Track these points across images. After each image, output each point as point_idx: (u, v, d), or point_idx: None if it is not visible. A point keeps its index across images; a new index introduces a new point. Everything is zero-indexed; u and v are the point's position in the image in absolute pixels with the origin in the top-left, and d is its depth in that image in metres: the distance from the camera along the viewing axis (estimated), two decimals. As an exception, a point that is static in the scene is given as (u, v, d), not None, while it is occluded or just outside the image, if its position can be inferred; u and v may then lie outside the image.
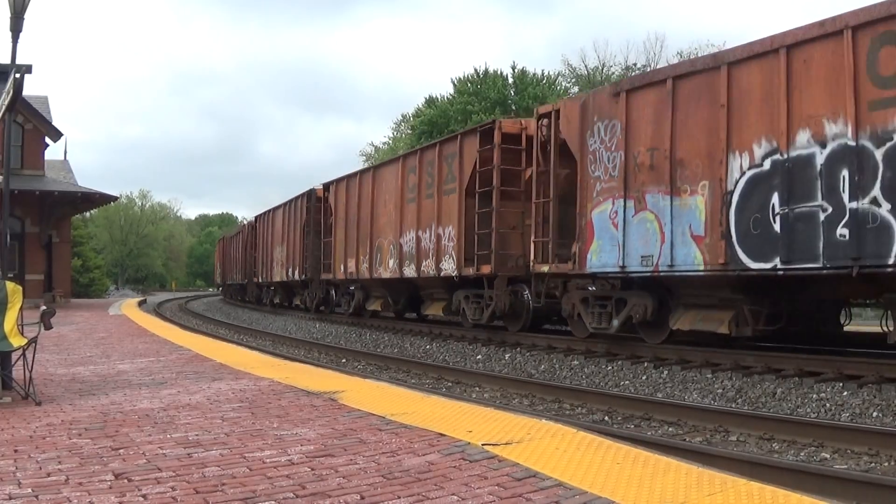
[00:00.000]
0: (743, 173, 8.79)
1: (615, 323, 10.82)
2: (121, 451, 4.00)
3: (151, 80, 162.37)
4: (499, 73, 41.28)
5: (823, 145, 7.97)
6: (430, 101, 43.01)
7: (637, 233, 10.11)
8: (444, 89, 62.59)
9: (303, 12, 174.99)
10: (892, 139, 7.33)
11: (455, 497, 3.14)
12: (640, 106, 10.21)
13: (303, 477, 3.46)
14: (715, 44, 35.04)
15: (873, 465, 5.74)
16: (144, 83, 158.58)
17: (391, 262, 16.71)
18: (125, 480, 3.41)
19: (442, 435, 4.28)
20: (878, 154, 7.46)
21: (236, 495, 3.18)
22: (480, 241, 13.41)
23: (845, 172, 7.74)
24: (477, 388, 10.15)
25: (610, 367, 10.47)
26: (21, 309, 6.14)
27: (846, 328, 9.11)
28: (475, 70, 41.84)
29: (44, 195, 24.00)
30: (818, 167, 7.99)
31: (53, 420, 4.92)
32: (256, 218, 32.30)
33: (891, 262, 7.30)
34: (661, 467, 3.53)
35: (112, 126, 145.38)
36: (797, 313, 9.73)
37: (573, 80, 43.52)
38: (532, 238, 12.17)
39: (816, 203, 8.02)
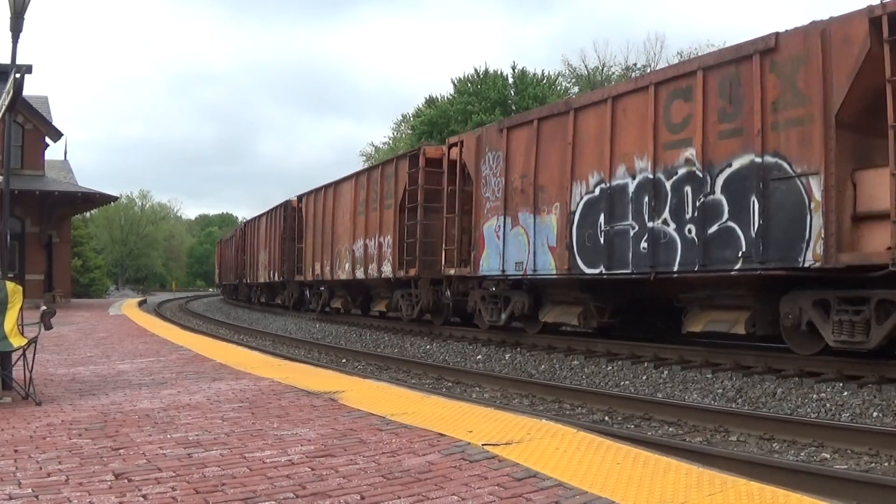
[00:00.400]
0: (581, 198, 11.04)
1: (503, 317, 13.20)
2: (121, 451, 4.00)
3: (151, 79, 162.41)
4: (499, 73, 41.26)
5: (633, 177, 10.16)
6: (431, 102, 43.01)
7: (513, 244, 12.50)
8: (444, 89, 62.76)
9: (302, 12, 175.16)
10: (677, 173, 9.51)
11: (455, 497, 3.14)
12: (517, 141, 12.47)
13: (303, 477, 3.46)
14: (715, 44, 35.00)
15: (873, 465, 5.74)
16: (144, 83, 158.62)
17: (347, 266, 19.35)
18: (125, 480, 3.42)
19: (442, 435, 4.28)
20: (668, 185, 9.65)
21: (236, 495, 3.18)
22: (409, 248, 15.78)
23: (647, 198, 9.90)
24: (477, 388, 10.15)
25: (610, 367, 10.47)
26: (21, 309, 6.15)
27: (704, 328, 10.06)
28: (475, 70, 41.85)
29: (44, 195, 24.00)
30: (630, 194, 10.19)
31: (53, 420, 4.92)
32: (245, 224, 35.21)
33: (675, 269, 9.48)
34: (662, 467, 3.54)
35: (112, 126, 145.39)
36: (634, 310, 11.90)
37: (573, 80, 43.55)
38: (443, 246, 14.59)
39: (628, 222, 10.23)
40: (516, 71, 41.53)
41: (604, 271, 10.61)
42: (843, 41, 7.90)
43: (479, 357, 12.85)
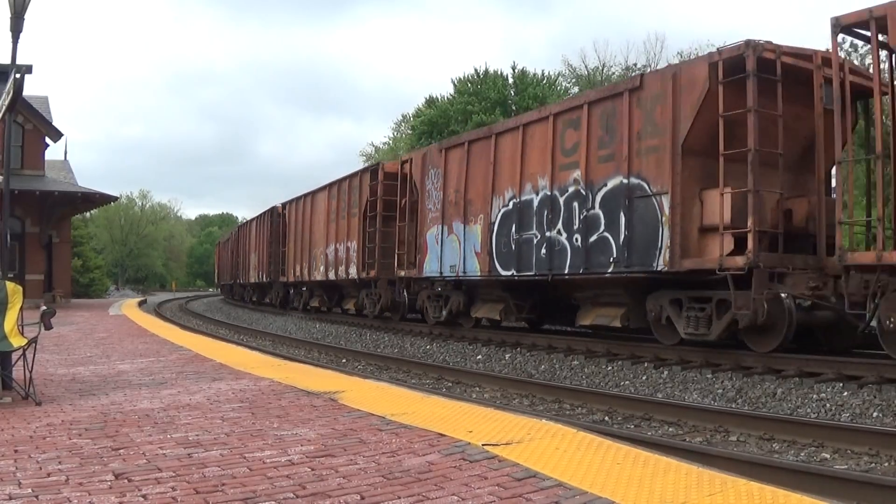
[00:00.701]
0: (499, 210, 13.00)
1: (444, 314, 15.10)
2: (121, 451, 4.00)
3: (151, 80, 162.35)
4: (499, 73, 41.22)
5: (537, 193, 12.04)
6: (431, 102, 42.97)
7: (448, 249, 14.51)
8: (444, 89, 62.72)
9: (302, 12, 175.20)
10: (568, 191, 11.34)
11: (455, 497, 3.14)
12: (452, 160, 14.49)
13: (303, 477, 3.46)
14: (715, 44, 34.95)
15: (873, 465, 5.74)
16: (144, 83, 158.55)
17: (322, 268, 21.48)
18: (125, 480, 3.42)
19: (442, 435, 4.28)
20: (561, 200, 11.50)
21: (236, 495, 3.18)
22: (370, 252, 17.88)
23: (546, 212, 11.77)
24: (477, 389, 10.15)
25: (610, 368, 10.47)
26: (21, 309, 6.14)
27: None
28: (475, 70, 41.81)
29: (44, 195, 24.00)
30: (535, 208, 12.09)
31: (53, 420, 4.92)
32: (240, 227, 37.50)
33: (566, 272, 11.36)
34: (661, 467, 3.53)
35: (112, 126, 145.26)
36: (547, 307, 13.78)
37: (573, 81, 43.46)
38: (396, 251, 16.58)
39: (532, 232, 12.13)
40: (516, 71, 41.51)
41: (515, 273, 12.60)
42: (689, 82, 9.59)
43: (479, 357, 12.86)
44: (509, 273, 12.72)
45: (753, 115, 8.83)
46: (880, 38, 7.95)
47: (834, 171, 9.74)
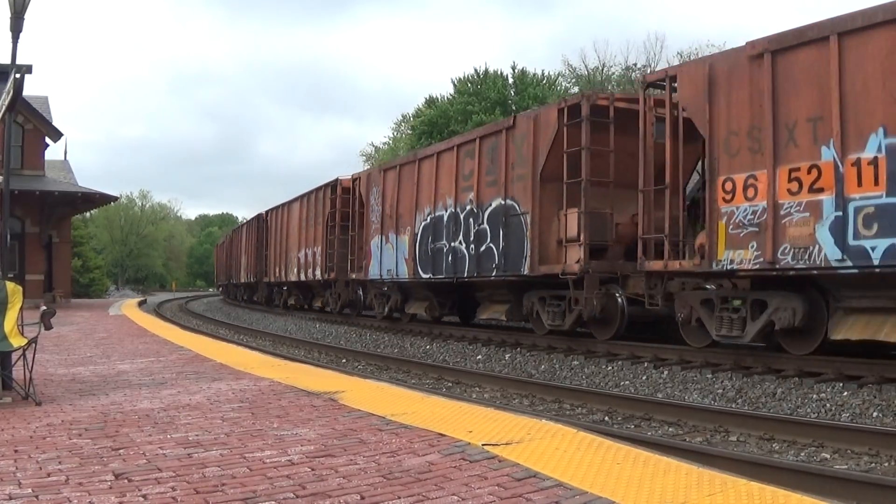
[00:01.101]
0: (421, 223, 15.55)
1: (385, 310, 17.89)
2: (121, 451, 4.00)
3: (151, 79, 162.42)
4: (499, 73, 41.23)
5: (446, 210, 14.61)
6: (431, 102, 42.98)
7: (386, 255, 17.04)
8: (444, 89, 62.64)
9: (302, 12, 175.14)
10: (466, 209, 13.94)
11: (455, 497, 3.14)
12: (389, 180, 17.18)
13: (303, 477, 3.46)
14: (715, 44, 34.99)
15: (873, 465, 5.74)
16: (144, 83, 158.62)
17: (295, 270, 24.50)
18: (125, 480, 3.42)
19: (442, 435, 4.28)
20: (461, 217, 14.08)
21: (236, 495, 3.18)
22: (330, 256, 20.80)
23: (451, 226, 14.36)
24: (477, 389, 10.15)
25: (610, 368, 10.47)
26: (21, 309, 6.14)
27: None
28: (475, 70, 41.80)
29: (44, 195, 23.99)
30: (444, 222, 14.68)
31: (53, 420, 4.92)
32: (233, 231, 40.78)
33: (465, 275, 13.96)
34: (662, 467, 3.53)
35: (112, 126, 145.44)
36: (464, 304, 16.35)
37: (573, 81, 43.46)
38: (349, 256, 19.50)
39: (443, 242, 14.72)
40: (516, 71, 41.52)
41: (432, 276, 15.11)
42: (545, 123, 11.98)
43: (479, 357, 12.86)
44: (428, 276, 15.32)
45: (585, 151, 11.08)
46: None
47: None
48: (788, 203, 8.37)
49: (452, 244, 14.35)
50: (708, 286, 9.91)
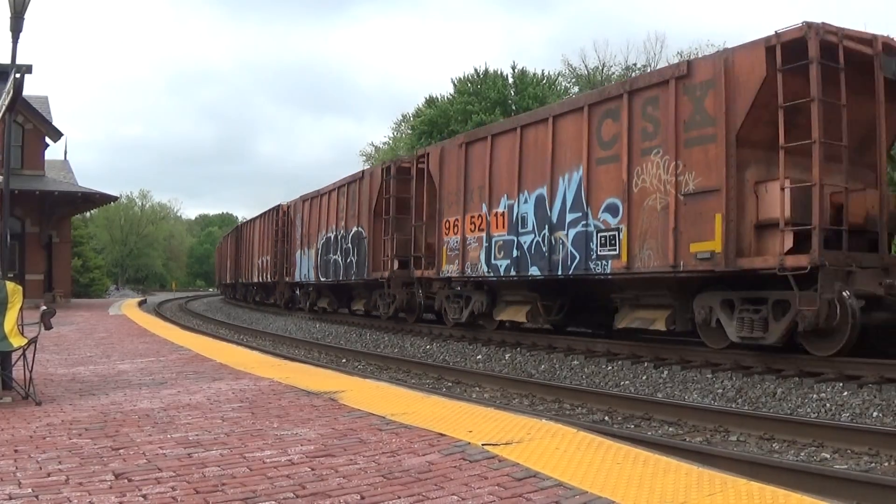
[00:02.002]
0: (322, 240, 21.44)
1: (307, 304, 23.93)
2: (121, 451, 4.00)
3: (150, 79, 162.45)
4: (499, 73, 41.20)
5: (335, 233, 20.23)
6: (431, 101, 42.95)
7: (306, 262, 23.17)
8: (444, 89, 62.68)
9: (302, 11, 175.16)
10: (342, 233, 19.52)
11: (455, 497, 3.14)
12: (309, 208, 23.11)
13: (303, 477, 3.46)
14: (715, 44, 34.93)
15: (873, 465, 5.74)
16: (144, 83, 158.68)
17: (256, 273, 31.16)
18: (125, 480, 3.42)
19: (442, 435, 4.28)
20: (340, 238, 19.74)
21: (236, 495, 3.18)
22: (274, 263, 27.10)
23: (332, 244, 20.21)
24: (477, 388, 10.15)
25: (610, 367, 10.47)
26: (21, 309, 6.14)
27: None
28: (475, 70, 41.76)
29: (44, 195, 23.99)
30: (339, 242, 19.90)
31: (53, 420, 4.92)
32: (224, 238, 46.89)
33: (341, 278, 19.67)
34: (662, 467, 3.53)
35: (112, 126, 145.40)
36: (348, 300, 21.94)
37: (573, 80, 43.45)
38: (285, 263, 25.78)
39: (337, 256, 19.97)
40: (516, 71, 41.48)
41: (330, 279, 21.05)
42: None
43: (479, 357, 12.85)
44: (329, 280, 21.10)
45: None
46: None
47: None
48: (470, 237, 13.87)
49: (333, 256, 20.70)
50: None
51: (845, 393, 7.76)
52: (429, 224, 15.60)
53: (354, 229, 18.89)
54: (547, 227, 11.76)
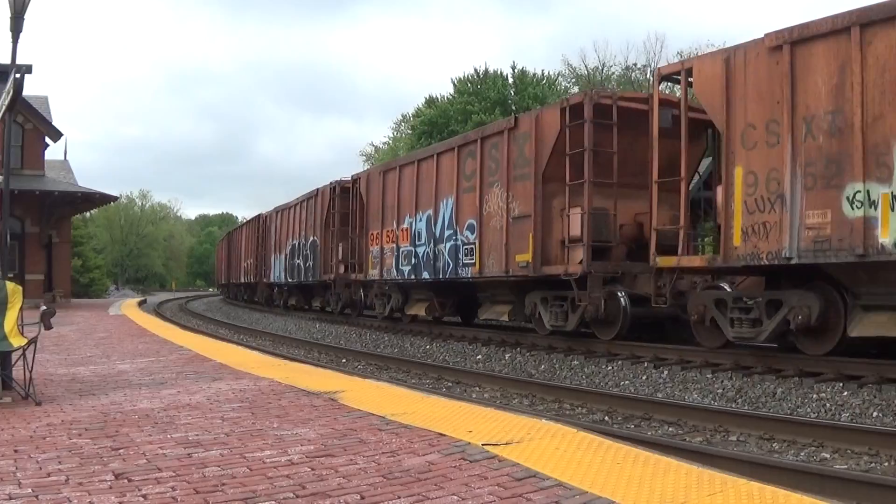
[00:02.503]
0: (290, 246, 24.85)
1: (282, 302, 27.75)
2: (121, 451, 4.00)
3: (150, 79, 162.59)
4: (499, 73, 41.23)
5: (307, 240, 23.16)
6: (431, 101, 42.98)
7: (279, 265, 26.43)
8: (444, 89, 62.65)
9: (301, 11, 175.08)
10: (300, 242, 24.11)
11: (455, 497, 3.14)
12: (281, 218, 26.67)
13: (303, 477, 3.46)
14: (715, 44, 34.92)
15: (873, 465, 5.74)
16: (143, 83, 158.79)
17: (243, 274, 34.86)
18: (125, 480, 3.42)
19: (442, 435, 4.28)
20: (298, 246, 24.08)
21: (236, 495, 3.18)
22: (255, 266, 30.94)
23: (296, 251, 24.12)
24: (477, 388, 10.15)
25: (610, 367, 10.47)
26: (21, 309, 6.14)
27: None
28: (475, 70, 41.82)
29: (44, 195, 23.99)
30: (301, 248, 23.52)
31: (53, 420, 4.92)
32: (220, 240, 50.68)
33: (304, 280, 23.64)
34: (662, 467, 3.53)
35: (112, 126, 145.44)
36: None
37: (573, 80, 43.47)
38: (263, 266, 29.40)
39: (300, 260, 23.55)
40: (516, 71, 41.52)
41: (292, 279, 24.99)
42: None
43: (479, 357, 12.85)
44: (292, 280, 24.86)
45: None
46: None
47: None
48: (386, 248, 16.91)
49: (297, 261, 23.93)
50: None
51: (845, 393, 7.75)
52: (362, 235, 18.65)
53: (311, 238, 22.47)
54: (433, 240, 14.97)
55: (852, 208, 7.63)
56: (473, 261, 13.49)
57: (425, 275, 15.33)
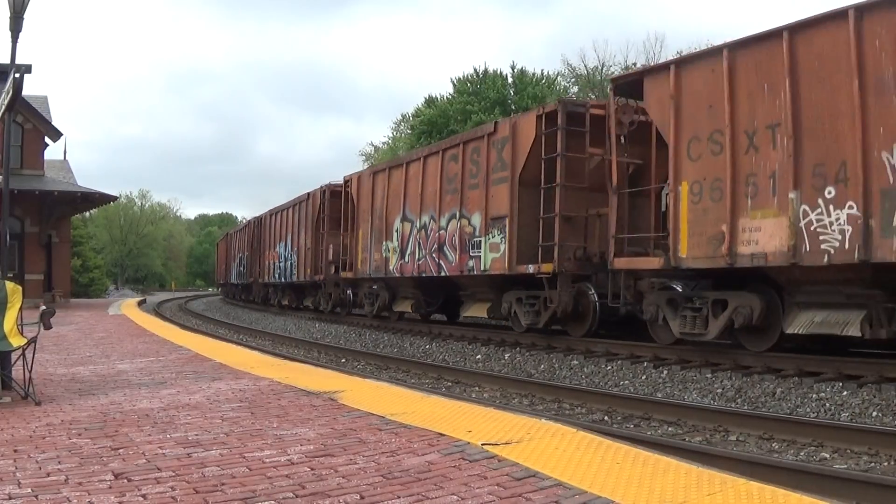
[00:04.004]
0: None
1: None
2: (120, 450, 4.00)
3: (149, 79, 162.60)
4: (498, 72, 41.19)
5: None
6: (430, 101, 42.94)
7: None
8: (444, 89, 62.68)
9: (300, 10, 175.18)
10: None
11: (455, 497, 3.14)
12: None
13: (302, 477, 3.46)
14: (714, 43, 34.95)
15: (873, 464, 5.74)
16: (143, 82, 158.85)
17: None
18: (125, 480, 3.41)
19: (442, 435, 4.28)
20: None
21: (236, 495, 3.18)
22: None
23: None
24: (476, 388, 10.14)
25: (609, 367, 10.47)
26: (21, 309, 6.14)
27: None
28: (475, 70, 41.75)
29: (43, 195, 23.97)
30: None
31: (53, 420, 4.92)
32: (219, 241, 51.80)
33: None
34: (661, 467, 3.53)
35: (111, 126, 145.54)
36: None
37: (573, 80, 43.42)
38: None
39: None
40: (516, 70, 41.47)
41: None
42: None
43: (479, 357, 12.85)
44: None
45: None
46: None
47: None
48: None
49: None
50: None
51: (845, 393, 7.76)
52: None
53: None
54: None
55: None
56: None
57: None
